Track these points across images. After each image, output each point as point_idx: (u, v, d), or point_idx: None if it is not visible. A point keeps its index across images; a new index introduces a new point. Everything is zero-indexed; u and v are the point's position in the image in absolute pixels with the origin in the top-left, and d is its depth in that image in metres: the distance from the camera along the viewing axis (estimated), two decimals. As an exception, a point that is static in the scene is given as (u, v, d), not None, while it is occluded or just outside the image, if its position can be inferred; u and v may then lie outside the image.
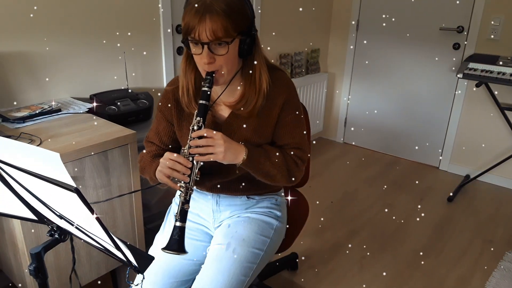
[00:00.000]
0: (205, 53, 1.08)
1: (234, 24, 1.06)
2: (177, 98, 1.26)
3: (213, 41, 1.06)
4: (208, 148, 1.09)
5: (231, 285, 1.17)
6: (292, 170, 1.24)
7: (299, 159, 1.25)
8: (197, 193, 1.39)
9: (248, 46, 1.12)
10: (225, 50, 1.08)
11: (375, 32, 3.42)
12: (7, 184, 0.82)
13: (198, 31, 1.04)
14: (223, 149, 1.09)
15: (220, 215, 1.36)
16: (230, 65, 1.12)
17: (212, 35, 1.04)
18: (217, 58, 1.09)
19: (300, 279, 2.03)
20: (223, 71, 1.13)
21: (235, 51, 1.11)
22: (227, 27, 1.04)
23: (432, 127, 3.34)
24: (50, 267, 1.48)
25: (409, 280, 2.06)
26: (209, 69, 1.11)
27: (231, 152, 1.12)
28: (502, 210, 2.77)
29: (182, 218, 1.09)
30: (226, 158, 1.11)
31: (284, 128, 1.24)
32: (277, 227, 1.35)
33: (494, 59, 2.71)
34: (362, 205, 2.76)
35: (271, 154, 1.21)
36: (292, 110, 1.24)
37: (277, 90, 1.21)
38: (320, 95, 3.61)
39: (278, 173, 1.21)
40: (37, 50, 1.80)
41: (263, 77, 1.18)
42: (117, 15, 2.05)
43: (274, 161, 1.20)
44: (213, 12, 1.03)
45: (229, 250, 1.23)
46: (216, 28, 1.03)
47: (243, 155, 1.15)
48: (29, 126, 1.59)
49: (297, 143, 1.25)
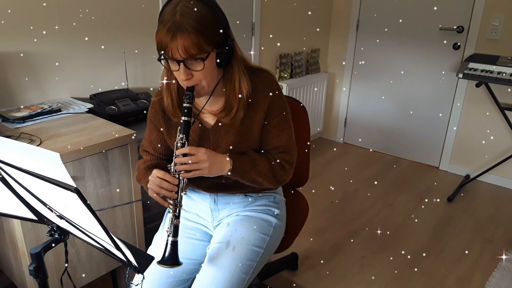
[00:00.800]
0: (182, 70, 1.08)
1: (207, 39, 1.05)
2: (163, 108, 1.26)
3: (187, 59, 1.06)
4: (192, 165, 1.12)
5: (232, 283, 1.17)
6: (279, 176, 1.27)
7: (287, 163, 1.27)
8: (195, 192, 1.39)
9: (226, 56, 1.12)
10: (201, 66, 1.08)
11: (375, 32, 3.42)
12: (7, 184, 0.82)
13: (171, 49, 1.04)
14: (207, 164, 1.13)
15: (218, 213, 1.36)
16: (209, 77, 1.12)
17: (185, 53, 1.04)
18: (195, 73, 1.10)
19: (300, 279, 2.03)
20: (203, 84, 1.13)
21: (213, 63, 1.11)
22: (200, 44, 1.04)
23: (432, 127, 3.34)
24: (50, 267, 1.48)
25: (409, 280, 2.06)
26: (188, 84, 1.12)
27: (216, 166, 1.15)
28: (502, 210, 2.77)
29: (174, 233, 1.13)
30: (211, 172, 1.15)
31: (270, 132, 1.25)
32: (276, 225, 1.36)
33: (494, 59, 2.71)
34: (362, 205, 2.76)
35: (257, 163, 1.23)
36: (278, 113, 1.24)
37: (260, 94, 1.21)
38: (320, 95, 3.61)
39: (264, 180, 1.25)
40: (37, 50, 1.80)
41: (242, 85, 1.17)
42: (117, 15, 2.05)
43: (259, 170, 1.23)
44: (183, 31, 1.02)
45: (229, 249, 1.23)
46: (188, 46, 1.03)
47: (229, 167, 1.18)
48: (29, 126, 1.59)
49: (284, 146, 1.26)
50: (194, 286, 1.19)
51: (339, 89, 3.78)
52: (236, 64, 1.17)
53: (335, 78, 3.77)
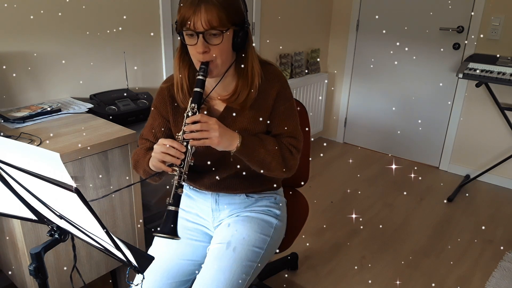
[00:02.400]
0: (200, 42, 1.09)
1: (229, 15, 1.09)
2: (172, 95, 1.27)
3: (208, 30, 1.08)
4: (203, 133, 1.09)
5: (232, 283, 1.17)
6: (287, 159, 1.24)
7: (294, 148, 1.26)
8: (196, 192, 1.39)
9: (241, 39, 1.15)
10: (219, 40, 1.10)
11: (375, 32, 3.42)
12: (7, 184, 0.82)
13: (193, 21, 1.07)
14: (217, 133, 1.10)
15: (219, 214, 1.36)
16: (224, 56, 1.14)
17: (207, 24, 1.07)
18: (212, 48, 1.11)
19: (300, 279, 2.03)
20: (218, 62, 1.14)
21: (229, 43, 1.13)
22: (222, 17, 1.07)
23: (432, 127, 3.34)
24: (50, 267, 1.48)
25: (409, 280, 2.06)
26: (204, 59, 1.12)
27: (225, 138, 1.12)
28: (502, 210, 2.77)
29: (176, 202, 1.09)
30: (220, 143, 1.11)
31: (278, 118, 1.26)
32: (277, 226, 1.35)
33: (494, 59, 2.71)
34: (362, 205, 2.76)
35: (266, 142, 1.22)
36: (285, 100, 1.26)
37: (269, 83, 1.23)
38: (320, 95, 3.61)
39: (272, 160, 1.21)
40: (37, 50, 1.80)
41: (255, 70, 1.20)
42: (117, 15, 2.05)
43: (268, 149, 1.20)
44: (209, 2, 1.06)
45: (230, 249, 1.23)
46: (211, 18, 1.06)
47: (237, 142, 1.15)
48: (29, 126, 1.59)
49: (291, 131, 1.27)
50: (195, 286, 1.19)
51: (339, 89, 3.78)
52: (250, 50, 1.19)
53: (335, 78, 3.77)
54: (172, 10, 2.29)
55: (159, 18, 2.24)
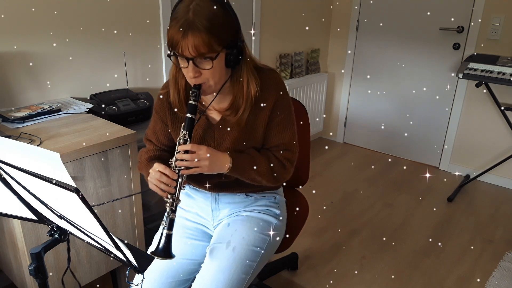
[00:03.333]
0: (190, 68, 1.09)
1: (218, 39, 1.06)
2: (170, 102, 1.27)
3: (197, 57, 1.07)
4: (193, 163, 1.13)
5: (232, 283, 1.17)
6: (279, 174, 1.27)
7: (288, 161, 1.27)
8: (196, 191, 1.39)
9: (235, 57, 1.13)
10: (210, 65, 1.09)
11: (375, 32, 3.42)
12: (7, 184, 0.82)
13: (181, 46, 1.05)
14: (207, 163, 1.14)
15: (219, 213, 1.36)
16: (217, 77, 1.14)
17: (195, 51, 1.05)
18: (203, 72, 1.11)
19: (300, 279, 2.03)
20: (210, 83, 1.14)
21: (221, 63, 1.12)
22: (210, 43, 1.05)
23: (432, 127, 3.34)
24: (50, 267, 1.48)
25: (409, 280, 2.06)
26: (196, 82, 1.13)
27: (216, 164, 1.17)
28: (502, 210, 2.77)
29: (169, 226, 1.13)
30: (211, 170, 1.16)
31: (274, 129, 1.26)
32: (276, 225, 1.36)
33: (494, 59, 2.71)
34: (362, 205, 2.76)
35: (257, 162, 1.23)
36: (282, 110, 1.25)
37: (267, 91, 1.22)
38: (320, 95, 3.61)
39: (263, 179, 1.25)
40: (37, 50, 1.80)
41: (251, 85, 1.19)
42: (117, 15, 2.05)
43: (258, 170, 1.23)
44: (195, 29, 1.03)
45: (229, 249, 1.23)
46: (198, 45, 1.04)
47: (228, 164, 1.19)
48: (29, 126, 1.59)
49: (286, 144, 1.27)
50: (194, 286, 1.19)
51: (339, 89, 3.78)
52: (245, 65, 1.18)
53: (335, 78, 3.77)
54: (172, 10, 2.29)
55: (159, 18, 2.24)
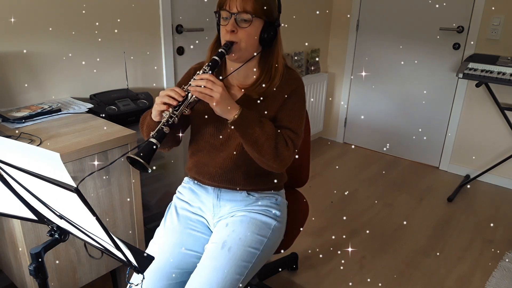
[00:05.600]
0: (231, 22, 1.20)
1: (263, 7, 1.19)
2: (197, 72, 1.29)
3: (240, 13, 1.18)
4: (206, 89, 1.13)
5: (225, 283, 1.17)
6: (281, 148, 1.22)
7: (291, 141, 1.27)
8: (199, 187, 1.41)
9: (269, 36, 1.24)
10: (248, 24, 1.19)
11: (375, 32, 3.42)
12: (7, 184, 0.82)
13: (229, 3, 1.19)
14: (219, 95, 1.14)
15: (220, 210, 1.37)
16: (250, 42, 1.22)
17: (241, 7, 1.18)
18: (239, 31, 1.20)
19: (300, 279, 2.03)
20: (242, 45, 1.22)
21: (257, 32, 1.22)
22: (256, 6, 1.18)
23: (432, 127, 3.34)
24: (50, 267, 1.48)
25: (409, 280, 2.06)
26: (230, 38, 1.21)
27: (225, 102, 1.16)
28: (502, 210, 2.77)
29: (158, 137, 1.09)
30: (219, 104, 1.14)
31: (284, 112, 1.29)
32: (275, 227, 1.36)
33: (494, 59, 2.71)
34: (362, 205, 2.76)
35: (264, 123, 1.23)
36: (297, 99, 1.31)
37: (287, 82, 1.30)
38: (320, 95, 3.61)
39: (265, 142, 1.19)
40: (37, 50, 1.80)
41: (279, 68, 1.28)
42: (117, 15, 2.05)
43: (265, 130, 1.20)
44: None
45: (225, 249, 1.24)
46: (246, 3, 1.18)
47: (236, 112, 1.18)
48: (29, 126, 1.59)
49: (293, 127, 1.29)
50: (189, 284, 1.19)
51: (339, 89, 3.78)
52: (277, 50, 1.28)
53: (335, 78, 3.77)
54: (172, 10, 2.29)
55: (159, 18, 2.24)
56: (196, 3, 2.43)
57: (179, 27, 2.36)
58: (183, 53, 2.45)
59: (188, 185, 1.45)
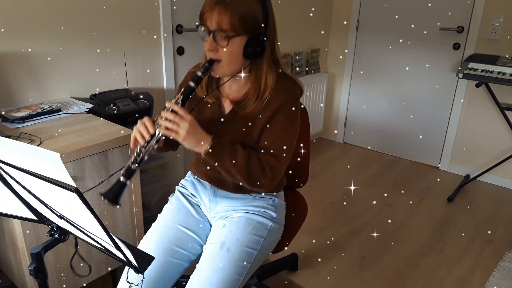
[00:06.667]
0: (209, 40, 1.14)
1: (242, 23, 1.10)
2: None
3: (217, 31, 1.11)
4: (173, 125, 1.11)
5: (226, 284, 1.18)
6: (255, 175, 1.21)
7: (269, 167, 1.22)
8: (198, 182, 1.44)
9: (254, 50, 1.15)
10: (226, 43, 1.12)
11: (375, 32, 3.42)
12: (7, 184, 0.82)
13: (207, 18, 1.11)
14: (185, 131, 1.11)
15: (216, 206, 1.39)
16: (232, 60, 1.16)
17: (216, 25, 1.10)
18: (220, 49, 1.14)
19: (300, 279, 2.03)
20: (223, 63, 1.16)
21: (239, 49, 1.14)
22: (234, 23, 1.09)
23: (432, 127, 3.34)
24: (50, 267, 1.48)
25: (409, 280, 2.06)
26: (210, 56, 1.16)
27: (193, 138, 1.14)
28: (502, 210, 2.77)
29: (127, 174, 1.10)
30: (185, 141, 1.13)
31: (269, 132, 1.24)
32: (271, 228, 1.36)
33: (494, 59, 2.71)
34: (362, 205, 2.76)
35: (237, 154, 1.19)
36: (283, 117, 1.23)
37: (276, 95, 1.22)
38: (320, 95, 3.61)
39: (237, 174, 1.19)
40: (37, 50, 1.80)
41: (268, 83, 1.20)
42: (117, 15, 2.05)
43: (235, 162, 1.19)
44: (223, 5, 1.08)
45: (223, 250, 1.24)
46: (221, 20, 1.09)
47: (207, 145, 1.16)
48: (29, 126, 1.59)
49: (275, 150, 1.23)
50: (189, 286, 1.19)
51: (339, 89, 3.78)
52: (266, 63, 1.20)
53: (335, 78, 3.77)
54: (172, 10, 2.29)
55: (159, 18, 2.24)
56: (196, 3, 2.42)
57: (179, 27, 2.36)
58: (183, 53, 2.45)
59: (190, 178, 1.48)
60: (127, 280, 1.19)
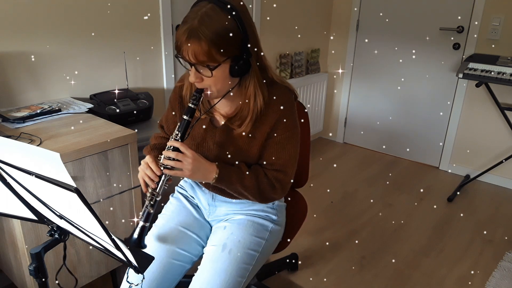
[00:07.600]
0: (192, 72, 1.10)
1: (220, 50, 1.04)
2: (181, 95, 1.30)
3: (197, 64, 1.07)
4: (177, 163, 1.13)
5: (228, 286, 1.18)
6: (266, 193, 1.23)
7: (278, 183, 1.23)
8: (196, 185, 1.44)
9: (240, 68, 1.10)
10: (209, 74, 1.08)
11: (375, 32, 3.42)
12: (7, 184, 0.82)
13: (183, 50, 1.06)
14: (190, 168, 1.13)
15: (215, 209, 1.39)
16: (219, 85, 1.13)
17: (195, 58, 1.05)
18: (205, 78, 1.11)
19: (300, 279, 2.03)
20: (212, 89, 1.14)
21: (225, 72, 1.10)
22: (210, 53, 1.04)
23: (432, 127, 3.34)
24: (50, 267, 1.48)
25: (409, 280, 2.06)
26: (197, 86, 1.14)
27: (199, 173, 1.16)
28: (502, 210, 2.77)
29: (146, 218, 1.15)
30: (192, 177, 1.16)
31: (271, 147, 1.23)
32: (272, 229, 1.36)
33: (494, 59, 2.71)
34: (362, 205, 2.76)
35: (244, 177, 1.21)
36: (284, 130, 1.21)
37: (271, 108, 1.19)
38: (320, 95, 3.61)
39: (248, 195, 1.23)
40: (37, 50, 1.80)
41: (257, 99, 1.17)
42: (117, 15, 2.05)
43: (245, 184, 1.21)
44: (196, 38, 1.02)
45: (225, 252, 1.24)
46: (198, 53, 1.04)
47: (214, 175, 1.18)
48: (29, 126, 1.59)
49: (281, 165, 1.23)
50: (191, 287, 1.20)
51: (339, 89, 3.78)
52: (253, 78, 1.15)
53: (335, 78, 3.77)
54: (172, 10, 2.29)
55: (159, 18, 2.24)
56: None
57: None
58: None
59: (189, 180, 1.47)
60: (127, 280, 1.19)
